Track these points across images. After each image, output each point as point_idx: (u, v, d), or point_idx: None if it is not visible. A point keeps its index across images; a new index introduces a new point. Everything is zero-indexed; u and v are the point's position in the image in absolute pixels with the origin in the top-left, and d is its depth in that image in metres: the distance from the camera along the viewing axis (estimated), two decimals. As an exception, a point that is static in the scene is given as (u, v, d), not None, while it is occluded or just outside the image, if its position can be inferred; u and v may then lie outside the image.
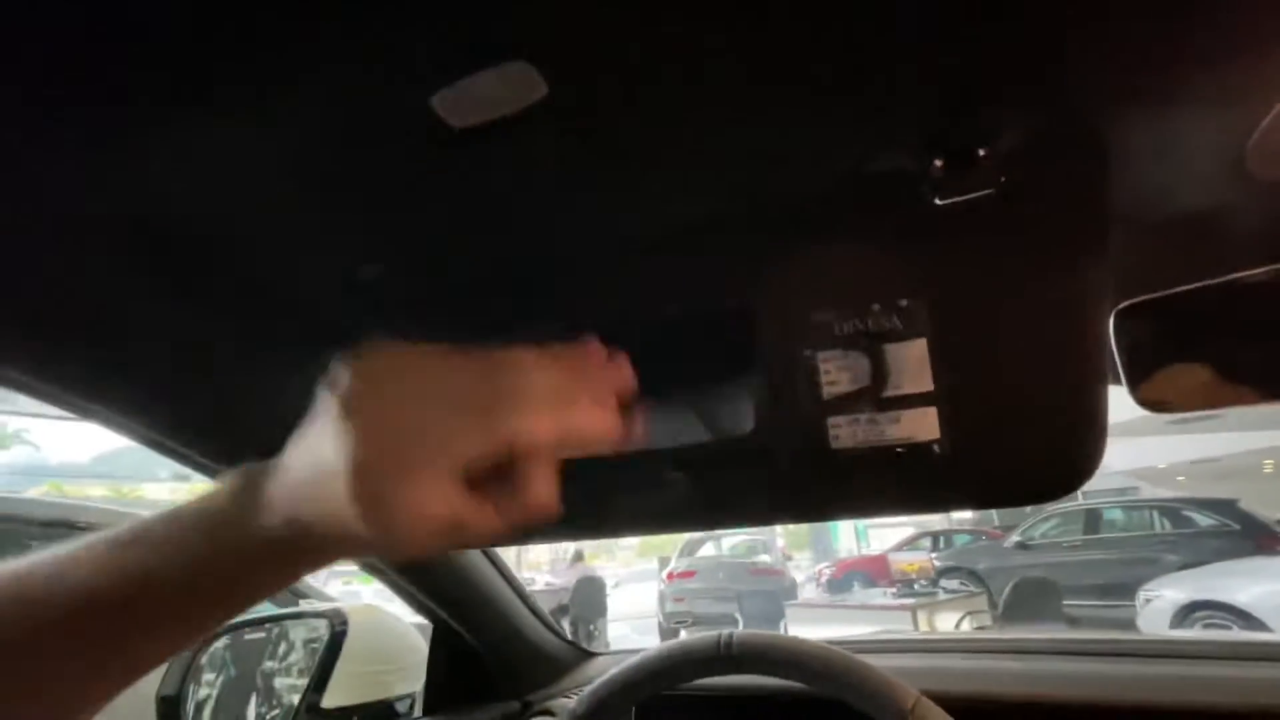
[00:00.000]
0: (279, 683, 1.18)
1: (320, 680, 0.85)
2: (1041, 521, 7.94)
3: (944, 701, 0.48)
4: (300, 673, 1.08)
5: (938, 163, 0.30)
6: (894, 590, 6.04)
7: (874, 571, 8.98)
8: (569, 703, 0.65)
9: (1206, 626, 4.62)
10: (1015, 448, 0.31)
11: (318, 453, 0.25)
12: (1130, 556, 6.76)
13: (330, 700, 0.85)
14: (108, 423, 0.46)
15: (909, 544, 9.98)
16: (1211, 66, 0.27)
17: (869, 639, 0.95)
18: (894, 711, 0.47)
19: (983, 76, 0.28)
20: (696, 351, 0.36)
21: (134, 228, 0.35)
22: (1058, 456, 0.31)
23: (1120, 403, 0.31)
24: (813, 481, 0.34)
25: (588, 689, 0.59)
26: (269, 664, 1.17)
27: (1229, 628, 4.51)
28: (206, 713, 1.03)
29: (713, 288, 0.35)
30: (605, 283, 0.35)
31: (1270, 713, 0.55)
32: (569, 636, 0.99)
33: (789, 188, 0.33)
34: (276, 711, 1.21)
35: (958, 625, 5.04)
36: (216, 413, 0.49)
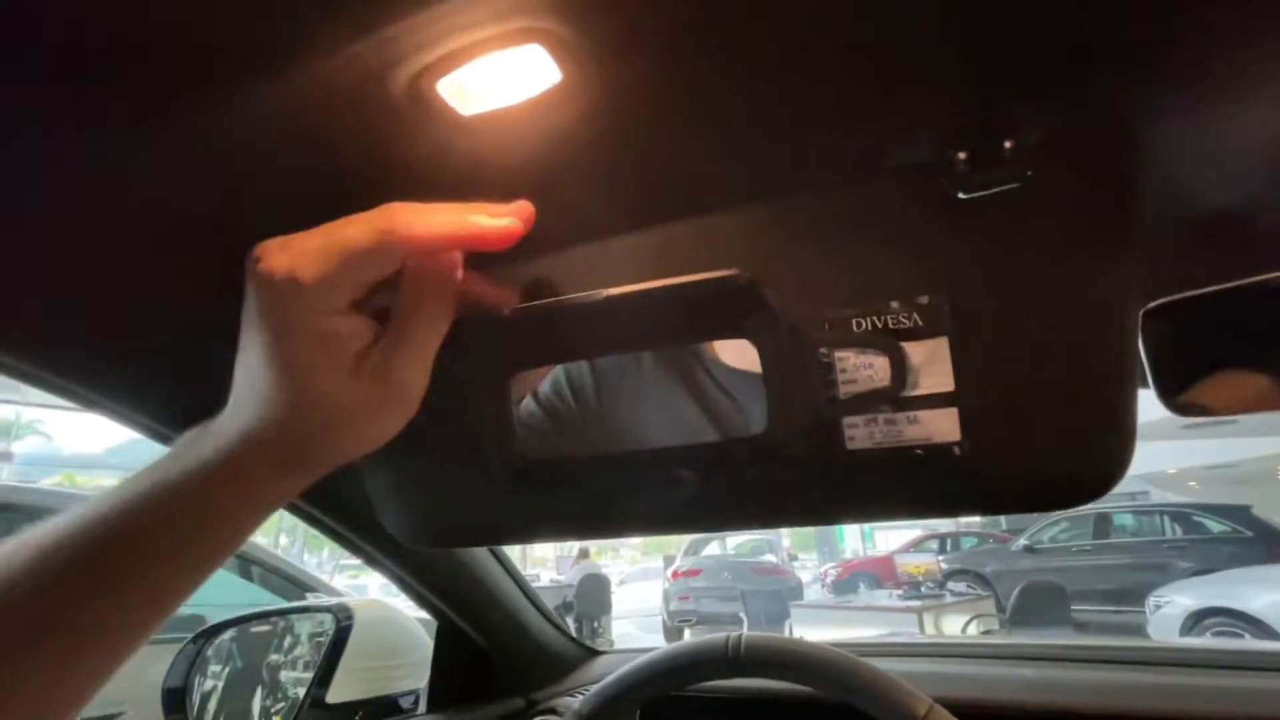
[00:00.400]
0: (285, 676, 1.19)
1: (325, 675, 0.85)
2: (1050, 525, 7.89)
3: (955, 708, 0.47)
4: (306, 666, 1.08)
5: (961, 155, 0.29)
6: (900, 592, 6.02)
7: (880, 573, 8.97)
8: (574, 702, 0.65)
9: (1217, 634, 4.58)
10: (1039, 450, 0.30)
11: (243, 365, 0.27)
12: (1140, 562, 6.71)
13: (335, 695, 0.85)
14: (110, 414, 0.46)
15: (915, 546, 9.95)
16: (1249, 58, 0.26)
17: (876, 642, 0.94)
18: (906, 718, 0.46)
19: (1009, 65, 0.27)
20: (695, 357, 0.35)
21: (138, 218, 0.35)
22: (1083, 460, 0.30)
23: (1132, 406, 0.30)
24: (827, 483, 0.33)
25: (593, 689, 0.58)
26: (274, 657, 1.17)
27: (1241, 635, 4.47)
28: (212, 705, 1.04)
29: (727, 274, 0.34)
30: (611, 278, 0.35)
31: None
32: (573, 634, 0.98)
33: (807, 180, 0.32)
34: (282, 704, 1.21)
35: (964, 629, 5.01)
36: (220, 406, 0.49)
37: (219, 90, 0.26)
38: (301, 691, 0.93)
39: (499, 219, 0.27)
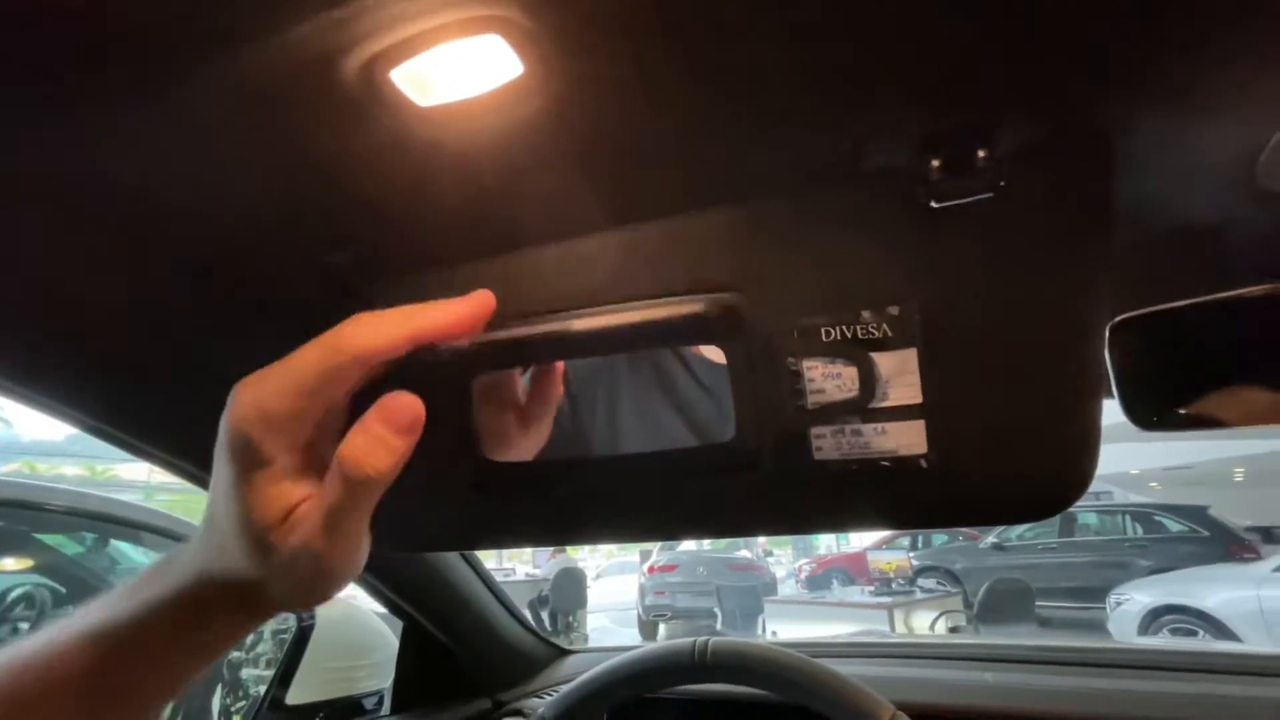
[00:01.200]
0: (246, 674, 1.16)
1: (285, 675, 0.84)
2: (1018, 524, 8.07)
3: (918, 712, 0.48)
4: (268, 664, 1.06)
5: (935, 163, 0.28)
6: (872, 588, 6.11)
7: (853, 569, 9.10)
8: (540, 705, 0.64)
9: (1174, 631, 4.73)
10: (1005, 464, 0.30)
11: (211, 500, 0.26)
12: (1103, 560, 6.90)
13: (295, 696, 0.83)
14: (53, 412, 0.44)
15: (888, 543, 10.11)
16: (1226, 73, 0.26)
17: (845, 643, 0.94)
18: (869, 726, 0.46)
19: (986, 73, 0.26)
20: (674, 354, 0.34)
21: (82, 208, 0.33)
22: (1048, 474, 0.29)
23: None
24: (795, 493, 0.32)
25: (559, 694, 0.57)
26: (236, 654, 1.15)
27: (1195, 632, 4.62)
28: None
29: (694, 289, 0.33)
30: (580, 279, 0.33)
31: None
32: (548, 628, 0.98)
33: (779, 182, 0.32)
34: (243, 703, 1.18)
35: (933, 625, 5.11)
36: (171, 405, 0.47)
37: (161, 75, 0.25)
38: (263, 689, 0.91)
39: (453, 306, 0.27)
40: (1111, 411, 0.35)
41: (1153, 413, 0.35)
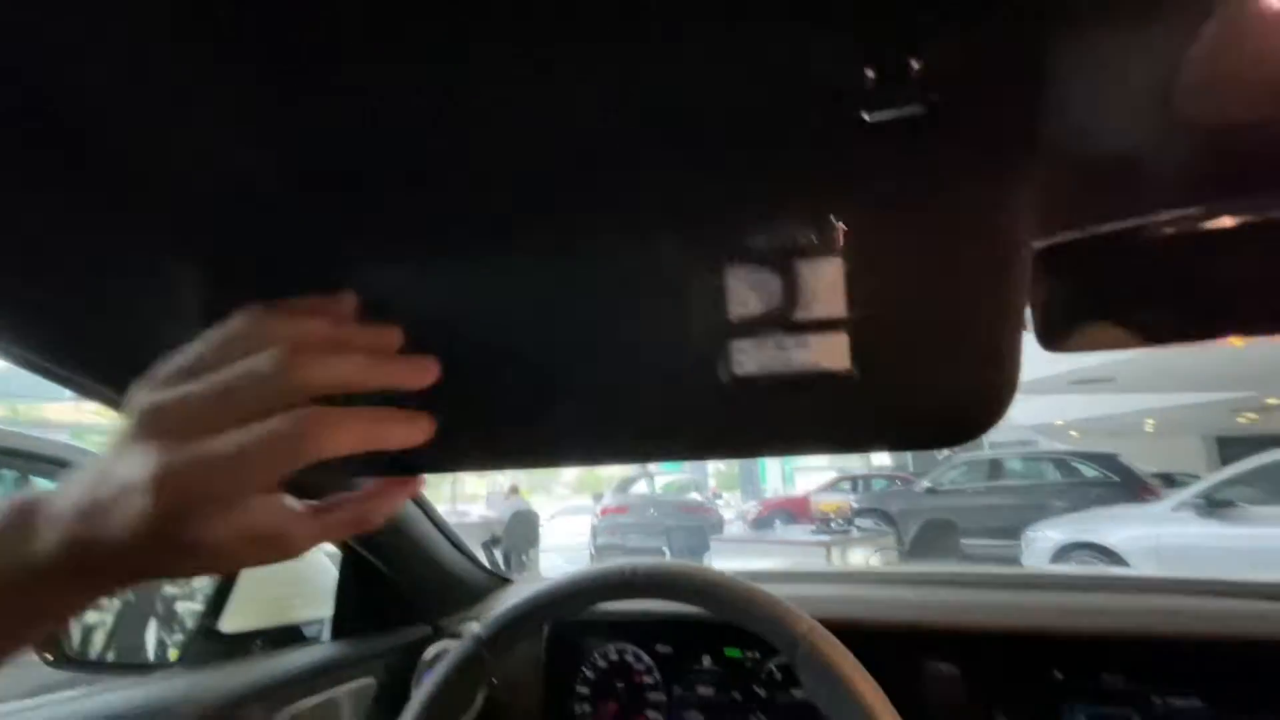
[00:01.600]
0: (181, 608, 1.14)
1: (217, 603, 0.82)
2: (951, 469, 8.64)
3: (839, 627, 0.50)
4: (207, 598, 1.04)
5: (869, 73, 0.27)
6: (813, 528, 6.44)
7: (796, 511, 9.56)
8: (475, 626, 0.65)
9: (1080, 564, 5.20)
10: (925, 385, 0.30)
11: (113, 474, 0.25)
12: (1024, 503, 7.46)
13: (230, 624, 0.82)
14: None
15: (831, 486, 10.63)
16: None
17: (778, 571, 0.99)
18: (787, 637, 0.48)
19: None
20: (597, 262, 0.33)
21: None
22: (966, 398, 0.30)
23: (1025, 361, 0.30)
24: (715, 412, 0.32)
25: (493, 613, 0.58)
26: (170, 589, 1.12)
27: (1097, 565, 5.10)
28: (97, 640, 0.98)
29: (616, 196, 0.32)
30: (498, 187, 0.32)
31: (1116, 636, 0.61)
32: (500, 565, 0.99)
33: (706, 89, 0.30)
34: (179, 637, 1.16)
35: (867, 561, 5.45)
36: (76, 318, 0.43)
37: None
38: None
39: (408, 423, 0.30)
40: (1041, 365, 0.37)
41: (1067, 335, 0.37)
